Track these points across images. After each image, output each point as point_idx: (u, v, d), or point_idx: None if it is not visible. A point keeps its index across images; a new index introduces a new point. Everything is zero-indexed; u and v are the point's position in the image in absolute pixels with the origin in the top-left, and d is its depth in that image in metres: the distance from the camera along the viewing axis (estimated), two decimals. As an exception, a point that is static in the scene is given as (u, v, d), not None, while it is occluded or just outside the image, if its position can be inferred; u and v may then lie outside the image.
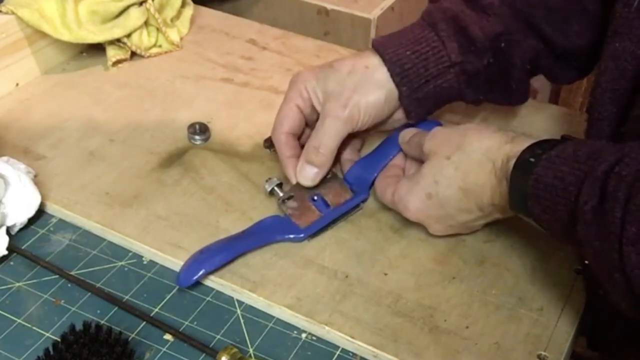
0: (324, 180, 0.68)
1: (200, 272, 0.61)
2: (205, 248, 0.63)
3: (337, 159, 0.69)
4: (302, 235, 0.65)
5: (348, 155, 0.72)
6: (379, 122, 0.69)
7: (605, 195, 0.48)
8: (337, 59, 0.69)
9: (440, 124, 0.72)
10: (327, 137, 0.66)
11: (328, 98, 0.66)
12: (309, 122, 0.70)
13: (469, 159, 0.59)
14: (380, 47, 0.67)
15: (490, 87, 0.70)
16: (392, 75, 0.66)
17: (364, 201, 0.69)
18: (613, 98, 0.61)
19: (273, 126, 0.70)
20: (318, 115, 0.68)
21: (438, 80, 0.67)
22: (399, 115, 0.69)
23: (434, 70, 0.67)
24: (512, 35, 0.68)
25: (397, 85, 0.67)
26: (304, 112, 0.69)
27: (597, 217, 0.48)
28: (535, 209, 0.54)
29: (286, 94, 0.69)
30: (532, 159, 0.54)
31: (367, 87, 0.66)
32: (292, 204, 0.67)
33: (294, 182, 0.68)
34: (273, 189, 0.67)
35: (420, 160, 0.65)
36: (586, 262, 0.53)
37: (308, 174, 0.67)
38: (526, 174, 0.54)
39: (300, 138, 0.70)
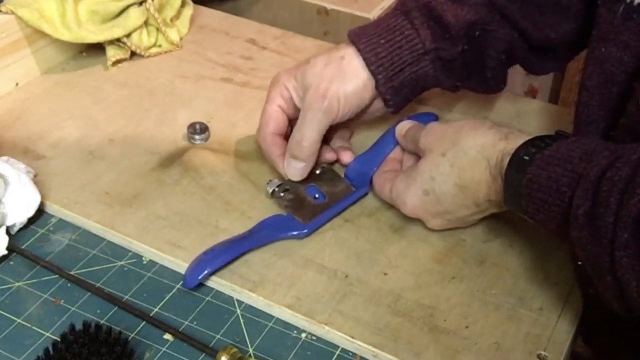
0: (318, 174, 0.69)
1: (205, 272, 0.61)
2: (209, 250, 0.63)
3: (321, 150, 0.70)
4: (305, 231, 0.65)
5: (339, 143, 0.73)
6: (360, 112, 0.69)
7: (597, 201, 0.48)
8: (314, 55, 0.69)
9: (436, 117, 0.72)
10: (309, 130, 0.66)
11: (307, 92, 0.67)
12: (293, 122, 0.70)
13: (464, 156, 0.60)
14: (355, 38, 0.68)
15: (466, 74, 0.71)
16: (367, 65, 0.67)
17: (364, 195, 0.69)
18: (601, 102, 0.61)
19: (258, 128, 0.70)
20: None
21: (413, 68, 0.68)
22: (379, 104, 0.70)
23: (408, 58, 0.67)
24: (487, 25, 0.68)
25: (373, 74, 0.67)
26: (287, 112, 0.70)
27: (589, 222, 0.48)
28: (529, 208, 0.54)
29: (268, 95, 0.70)
30: (526, 157, 0.54)
31: (344, 78, 0.66)
32: (288, 196, 0.67)
33: (287, 178, 0.69)
34: (274, 190, 0.68)
35: (418, 154, 0.66)
36: (579, 263, 0.53)
37: (295, 169, 0.68)
38: (520, 172, 0.54)
39: (287, 137, 0.71)
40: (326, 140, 0.70)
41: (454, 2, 0.67)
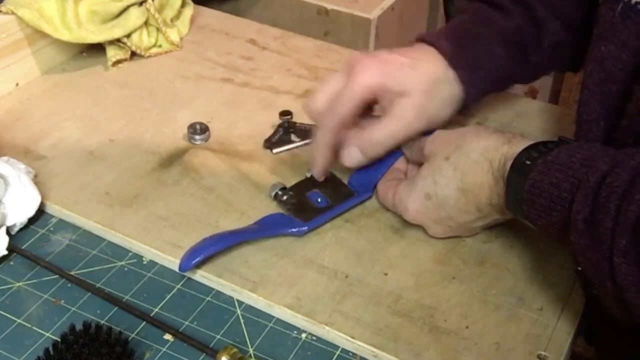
0: (323, 181, 0.69)
1: (199, 258, 0.61)
2: (208, 237, 0.63)
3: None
4: (305, 228, 0.65)
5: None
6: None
7: (596, 206, 0.48)
8: (400, 52, 0.67)
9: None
10: (389, 138, 0.66)
11: (399, 97, 0.64)
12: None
13: (467, 159, 0.60)
14: (457, 65, 0.67)
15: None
16: (464, 84, 0.68)
17: (367, 199, 0.69)
18: (601, 100, 0.61)
19: (329, 111, 0.65)
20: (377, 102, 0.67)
21: (497, 86, 0.72)
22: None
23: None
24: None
25: (466, 91, 0.68)
26: (359, 108, 0.66)
27: (588, 227, 0.49)
28: (530, 212, 0.54)
29: (350, 85, 0.64)
30: (528, 162, 0.54)
31: (440, 101, 0.67)
32: (290, 200, 0.67)
33: (318, 164, 0.67)
34: (277, 193, 0.68)
35: (422, 164, 0.66)
36: (579, 268, 0.53)
37: (354, 160, 0.67)
38: (522, 177, 0.54)
39: None
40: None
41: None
